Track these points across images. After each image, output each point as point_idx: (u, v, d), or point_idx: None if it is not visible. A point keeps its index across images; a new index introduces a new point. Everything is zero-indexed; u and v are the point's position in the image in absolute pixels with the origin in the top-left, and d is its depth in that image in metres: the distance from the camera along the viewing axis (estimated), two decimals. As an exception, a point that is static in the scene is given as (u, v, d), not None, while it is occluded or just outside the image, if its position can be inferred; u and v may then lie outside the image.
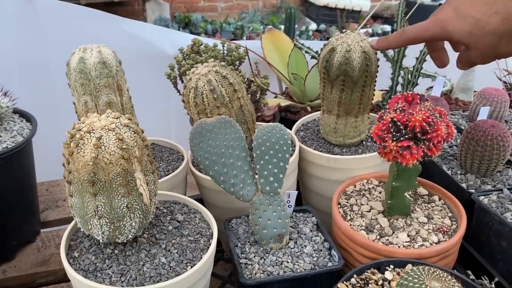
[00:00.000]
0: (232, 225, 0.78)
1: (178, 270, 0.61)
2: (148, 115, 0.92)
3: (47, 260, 0.94)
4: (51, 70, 1.22)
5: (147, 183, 0.60)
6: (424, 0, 4.59)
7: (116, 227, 0.59)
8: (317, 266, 0.69)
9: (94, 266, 0.61)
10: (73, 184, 0.57)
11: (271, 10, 5.34)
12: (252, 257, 0.70)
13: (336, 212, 0.76)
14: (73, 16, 1.20)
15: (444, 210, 0.78)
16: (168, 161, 0.87)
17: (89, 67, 0.71)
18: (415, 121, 0.65)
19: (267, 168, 0.71)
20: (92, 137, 0.54)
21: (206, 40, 1.09)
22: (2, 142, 0.86)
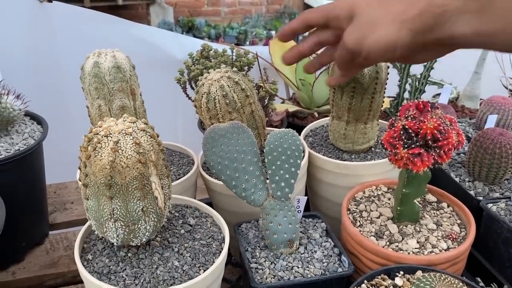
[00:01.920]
0: (242, 229, 0.78)
1: (191, 273, 0.61)
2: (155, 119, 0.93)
3: (56, 262, 0.94)
4: (61, 73, 1.23)
5: (162, 187, 0.61)
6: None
7: (131, 230, 0.59)
8: (327, 272, 0.69)
9: (108, 268, 0.61)
10: (89, 187, 0.58)
11: (274, 15, 5.36)
12: (262, 262, 0.71)
13: (345, 218, 0.77)
14: (83, 20, 1.21)
15: (452, 217, 0.78)
16: (178, 165, 0.88)
17: (104, 71, 0.72)
18: (427, 129, 0.66)
19: (278, 173, 0.72)
20: (110, 141, 0.55)
21: (215, 46, 1.10)
22: (14, 145, 0.87)
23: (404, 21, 0.48)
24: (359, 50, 0.53)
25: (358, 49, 0.53)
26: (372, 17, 0.51)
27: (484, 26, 0.44)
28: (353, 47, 0.53)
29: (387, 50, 0.51)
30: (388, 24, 0.49)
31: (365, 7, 0.52)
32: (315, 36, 0.63)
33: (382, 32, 0.50)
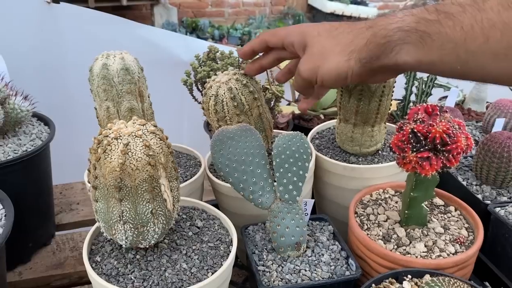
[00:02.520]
0: (249, 232, 0.78)
1: (199, 276, 0.61)
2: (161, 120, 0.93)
3: (62, 263, 0.94)
4: (67, 74, 1.23)
5: (171, 189, 0.61)
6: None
7: (140, 233, 0.59)
8: (335, 275, 0.69)
9: (117, 270, 0.62)
10: (98, 189, 0.58)
11: (278, 16, 5.36)
12: (269, 265, 0.71)
13: (353, 221, 0.76)
14: (90, 21, 1.22)
15: (460, 221, 0.78)
16: (185, 167, 0.88)
17: (112, 73, 0.72)
18: (436, 132, 0.66)
19: (286, 176, 0.72)
20: (120, 143, 0.55)
21: (222, 47, 1.10)
22: (21, 146, 0.87)
23: (352, 52, 0.52)
24: (314, 79, 0.57)
25: (312, 78, 0.57)
26: (323, 48, 0.54)
27: (424, 56, 0.48)
28: (308, 77, 0.58)
29: (339, 78, 0.55)
30: (338, 55, 0.53)
31: (316, 37, 0.56)
32: (275, 53, 0.68)
33: (333, 63, 0.53)
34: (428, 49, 0.47)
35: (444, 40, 0.45)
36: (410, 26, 0.48)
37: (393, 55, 0.49)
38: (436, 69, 0.49)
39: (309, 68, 0.56)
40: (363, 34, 0.51)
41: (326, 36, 0.54)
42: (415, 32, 0.47)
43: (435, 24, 0.46)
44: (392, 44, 0.49)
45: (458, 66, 0.46)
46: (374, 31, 0.50)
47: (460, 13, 0.44)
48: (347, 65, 0.53)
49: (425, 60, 0.48)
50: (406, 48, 0.48)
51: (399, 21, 0.49)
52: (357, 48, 0.52)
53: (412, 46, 0.48)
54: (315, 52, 0.55)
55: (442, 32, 0.45)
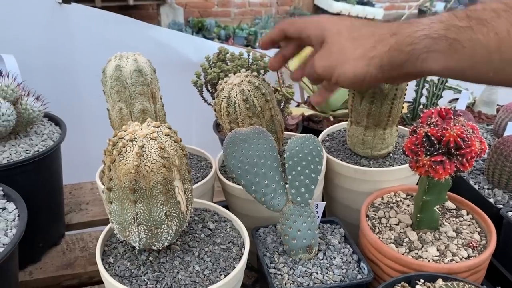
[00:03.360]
0: (260, 234, 0.78)
1: (212, 278, 0.61)
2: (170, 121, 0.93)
3: (72, 263, 0.95)
4: (78, 75, 1.23)
5: (184, 191, 0.61)
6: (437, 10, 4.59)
7: (154, 234, 0.59)
8: (347, 278, 0.69)
9: (130, 272, 0.62)
10: (113, 191, 0.58)
11: (284, 17, 5.36)
12: (281, 267, 0.71)
13: (365, 224, 0.76)
14: (101, 21, 1.22)
15: (472, 225, 0.78)
16: (196, 168, 0.88)
17: (125, 74, 0.73)
18: (450, 136, 0.66)
19: (298, 179, 0.71)
20: (135, 145, 0.55)
21: (232, 49, 1.10)
22: (33, 146, 0.87)
23: (373, 57, 0.49)
24: (328, 77, 0.55)
25: (327, 75, 0.55)
26: (342, 49, 0.52)
27: (453, 64, 0.46)
28: (322, 73, 0.55)
29: (356, 81, 0.53)
30: (358, 59, 0.50)
31: (335, 35, 0.53)
32: (295, 42, 0.66)
33: (350, 66, 0.51)
34: (458, 56, 0.45)
35: (476, 47, 0.44)
36: (438, 33, 0.46)
37: (419, 63, 0.48)
38: (466, 76, 0.48)
39: (325, 65, 0.54)
40: (386, 41, 0.49)
41: (347, 36, 0.52)
42: (445, 40, 0.45)
43: (466, 30, 0.44)
44: (417, 51, 0.47)
45: (491, 74, 0.45)
46: (398, 39, 0.48)
47: (494, 19, 0.43)
48: (366, 70, 0.51)
49: (454, 68, 0.46)
50: (433, 55, 0.46)
51: (426, 28, 0.47)
52: (378, 54, 0.49)
53: (440, 53, 0.46)
54: (333, 50, 0.53)
55: (475, 38, 0.44)
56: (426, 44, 0.46)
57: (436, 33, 0.46)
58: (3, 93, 0.84)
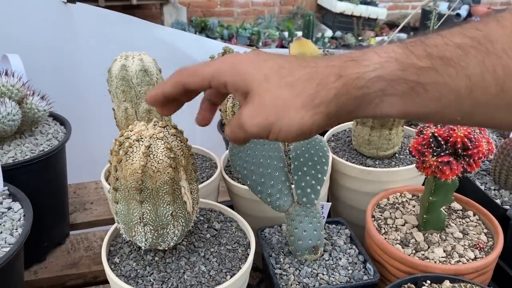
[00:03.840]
0: (265, 234, 0.78)
1: (218, 279, 0.61)
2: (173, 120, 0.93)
3: (77, 263, 0.95)
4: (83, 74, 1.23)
5: (190, 191, 0.60)
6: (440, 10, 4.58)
7: (160, 235, 0.59)
8: (353, 279, 0.69)
9: (136, 272, 0.62)
10: (119, 191, 0.58)
11: (287, 16, 5.36)
12: (287, 268, 0.71)
13: (370, 225, 0.76)
14: (106, 21, 1.22)
15: (479, 226, 0.77)
16: (201, 168, 0.88)
17: (131, 74, 0.72)
18: (457, 137, 0.65)
19: (304, 179, 0.71)
20: (141, 145, 0.55)
21: (236, 48, 1.10)
22: (38, 145, 0.87)
23: (318, 106, 0.40)
24: (264, 135, 0.43)
25: (262, 135, 0.43)
26: (277, 100, 0.41)
27: (414, 109, 0.39)
28: (256, 133, 0.43)
29: (301, 134, 0.43)
30: (300, 109, 0.41)
31: (263, 83, 0.42)
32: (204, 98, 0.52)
33: (294, 119, 0.41)
34: (420, 101, 0.38)
35: (443, 91, 0.36)
36: (394, 75, 0.38)
37: (372, 107, 0.40)
38: (429, 119, 0.42)
39: (258, 123, 0.42)
40: (330, 85, 0.40)
41: (279, 83, 0.41)
42: (403, 83, 0.38)
43: (429, 72, 0.36)
44: (370, 96, 0.39)
45: (459, 118, 0.38)
46: (345, 81, 0.39)
47: (462, 58, 0.35)
48: (311, 121, 0.41)
49: (415, 112, 0.39)
50: (389, 100, 0.39)
51: (378, 69, 0.38)
52: (324, 101, 0.40)
53: (398, 98, 0.38)
54: (266, 103, 0.41)
55: (440, 82, 0.36)
56: (381, 87, 0.38)
57: (392, 75, 0.38)
58: (9, 92, 0.84)
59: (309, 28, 3.45)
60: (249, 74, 0.42)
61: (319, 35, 4.64)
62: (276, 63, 0.42)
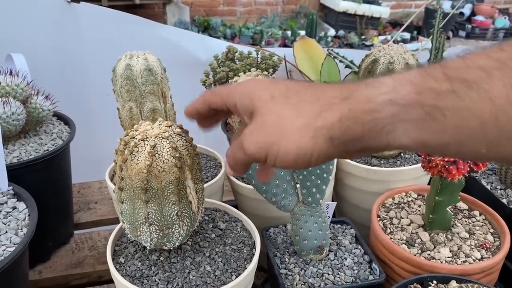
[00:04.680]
0: (270, 234, 0.78)
1: (223, 279, 0.61)
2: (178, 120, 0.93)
3: (81, 262, 0.95)
4: (87, 74, 1.23)
5: (196, 191, 0.60)
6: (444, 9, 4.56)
7: (165, 234, 0.59)
8: (358, 279, 0.68)
9: (141, 272, 0.61)
10: (124, 191, 0.58)
11: (289, 15, 5.35)
12: (292, 268, 0.70)
13: (376, 224, 0.75)
14: (110, 20, 1.22)
15: (485, 226, 0.77)
16: (206, 167, 0.88)
17: (136, 74, 0.72)
18: (464, 136, 0.65)
19: (310, 179, 0.71)
20: (146, 145, 0.55)
21: (240, 48, 1.09)
22: (43, 145, 0.87)
23: (320, 128, 0.37)
24: (262, 158, 0.41)
25: (260, 156, 0.41)
26: (278, 119, 0.39)
27: (431, 137, 0.35)
28: (254, 154, 0.41)
29: (300, 160, 0.39)
30: (300, 130, 0.38)
31: (268, 102, 0.40)
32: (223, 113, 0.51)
33: (293, 141, 0.38)
34: (438, 128, 0.34)
35: (464, 117, 0.32)
36: (407, 99, 0.34)
37: (383, 136, 0.36)
38: (448, 151, 0.36)
39: (257, 142, 0.40)
40: (336, 107, 0.37)
41: (283, 103, 0.39)
42: (419, 107, 0.34)
43: (448, 95, 0.33)
44: (381, 122, 0.35)
45: (484, 150, 0.34)
46: (352, 105, 0.36)
47: (486, 80, 0.32)
48: (312, 144, 0.38)
49: (432, 142, 0.35)
50: (403, 127, 0.35)
51: (389, 91, 0.35)
52: (327, 124, 0.37)
53: (412, 124, 0.34)
54: (267, 122, 0.39)
55: (461, 106, 0.32)
56: (393, 112, 0.35)
57: (406, 98, 0.34)
58: (13, 92, 0.84)
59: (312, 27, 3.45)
60: (256, 94, 0.41)
61: (322, 34, 4.63)
62: (285, 86, 0.41)
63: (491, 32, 5.24)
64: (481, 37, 5.23)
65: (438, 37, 1.08)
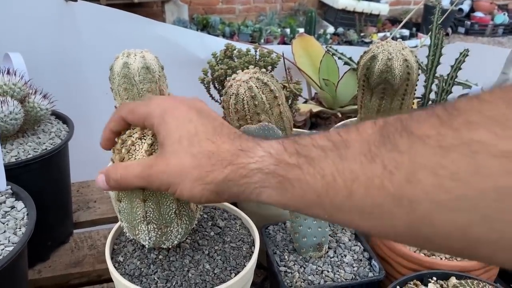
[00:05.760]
0: (269, 232, 0.78)
1: (223, 277, 0.61)
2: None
3: (81, 262, 0.94)
4: (84, 72, 1.23)
5: (194, 190, 0.60)
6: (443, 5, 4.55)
7: (163, 233, 0.59)
8: (358, 276, 0.68)
9: (139, 271, 0.61)
10: (122, 189, 0.57)
11: (288, 13, 5.34)
12: (291, 265, 0.70)
13: (375, 221, 0.75)
14: (108, 19, 1.22)
15: (485, 222, 0.77)
16: (204, 166, 0.87)
17: (133, 72, 0.72)
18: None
19: (309, 176, 0.71)
20: (144, 143, 0.55)
21: (239, 45, 1.09)
22: (41, 144, 0.87)
23: (209, 183, 0.45)
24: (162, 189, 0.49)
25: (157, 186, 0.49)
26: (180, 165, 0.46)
27: (287, 202, 0.41)
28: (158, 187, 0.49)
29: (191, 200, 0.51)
30: (194, 181, 0.45)
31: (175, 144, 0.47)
32: None
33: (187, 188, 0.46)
34: (290, 196, 0.40)
35: (305, 188, 0.38)
36: (269, 169, 0.41)
37: (254, 196, 0.43)
38: (306, 213, 0.43)
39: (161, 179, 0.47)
40: (222, 169, 0.44)
41: (186, 150, 0.46)
42: (276, 176, 0.41)
43: (295, 169, 0.39)
44: (251, 186, 0.43)
45: (326, 216, 0.39)
46: (232, 170, 0.43)
47: (322, 159, 0.37)
48: (201, 194, 0.46)
49: (290, 206, 0.42)
50: (266, 191, 0.42)
51: (258, 161, 0.42)
52: (214, 181, 0.44)
53: (272, 190, 0.41)
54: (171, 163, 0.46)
55: (303, 179, 0.38)
56: (260, 179, 0.42)
57: (268, 168, 0.41)
58: (11, 91, 0.84)
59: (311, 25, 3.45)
60: (168, 130, 0.48)
61: (321, 32, 4.63)
62: (194, 128, 0.47)
63: (490, 28, 5.24)
64: (480, 33, 5.23)
65: (437, 34, 1.07)
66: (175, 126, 0.48)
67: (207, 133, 0.47)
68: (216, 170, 0.44)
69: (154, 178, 0.48)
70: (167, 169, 0.47)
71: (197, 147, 0.46)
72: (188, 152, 0.46)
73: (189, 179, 0.45)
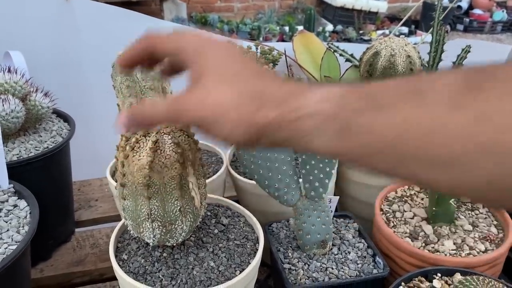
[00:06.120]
0: (273, 229, 0.78)
1: (227, 274, 0.61)
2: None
3: (83, 260, 0.94)
4: (85, 70, 1.22)
5: (198, 187, 0.60)
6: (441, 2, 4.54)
7: (168, 231, 0.59)
8: (362, 273, 0.68)
9: (144, 269, 0.61)
10: (126, 187, 0.57)
11: (287, 11, 5.33)
12: (295, 263, 0.70)
13: (379, 218, 0.75)
14: (108, 16, 1.21)
15: (489, 218, 0.77)
16: (207, 163, 0.87)
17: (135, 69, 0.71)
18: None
19: (312, 173, 0.70)
20: (148, 140, 0.54)
21: (239, 43, 1.09)
22: (42, 142, 0.87)
23: (251, 126, 0.40)
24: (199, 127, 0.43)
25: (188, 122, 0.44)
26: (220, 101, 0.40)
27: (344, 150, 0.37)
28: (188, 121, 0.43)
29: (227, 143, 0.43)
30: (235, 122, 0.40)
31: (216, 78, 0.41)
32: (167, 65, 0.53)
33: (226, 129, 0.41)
34: (350, 143, 0.36)
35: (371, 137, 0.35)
36: (328, 114, 0.37)
37: (304, 142, 0.39)
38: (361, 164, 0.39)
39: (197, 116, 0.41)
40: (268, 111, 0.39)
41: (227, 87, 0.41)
42: (337, 122, 0.37)
43: (363, 114, 0.35)
44: (301, 132, 0.38)
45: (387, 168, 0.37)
46: (281, 112, 0.39)
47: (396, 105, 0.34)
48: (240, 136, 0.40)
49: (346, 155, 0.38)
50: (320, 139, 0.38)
51: (313, 106, 0.38)
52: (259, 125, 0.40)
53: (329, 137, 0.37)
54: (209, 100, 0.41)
55: (371, 126, 0.35)
56: (313, 124, 0.38)
57: (326, 114, 0.37)
58: (12, 89, 0.84)
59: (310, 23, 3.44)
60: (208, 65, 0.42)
61: (320, 29, 4.62)
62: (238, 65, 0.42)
63: (489, 26, 5.23)
64: (479, 30, 5.22)
65: (439, 30, 1.07)
66: (216, 62, 0.42)
67: (252, 71, 0.42)
68: (260, 112, 0.39)
69: (185, 113, 0.42)
70: (201, 105, 0.41)
71: (242, 85, 0.41)
72: (230, 89, 0.41)
73: (228, 119, 0.40)
